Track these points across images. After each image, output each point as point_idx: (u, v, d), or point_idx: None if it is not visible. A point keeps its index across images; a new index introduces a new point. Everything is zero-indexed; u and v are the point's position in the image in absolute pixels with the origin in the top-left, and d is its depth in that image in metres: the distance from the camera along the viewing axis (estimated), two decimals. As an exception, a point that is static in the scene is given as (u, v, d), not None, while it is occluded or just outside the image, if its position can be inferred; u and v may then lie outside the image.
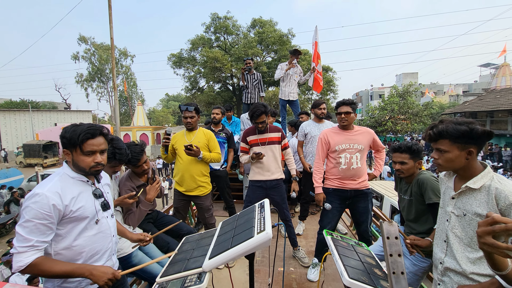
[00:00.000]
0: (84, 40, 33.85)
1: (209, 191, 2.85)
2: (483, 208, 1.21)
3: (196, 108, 2.71)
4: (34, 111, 27.32)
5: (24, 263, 1.14)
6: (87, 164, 1.29)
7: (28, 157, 20.40)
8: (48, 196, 1.17)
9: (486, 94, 20.62)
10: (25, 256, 1.15)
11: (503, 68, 23.08)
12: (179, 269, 1.27)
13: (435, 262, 1.44)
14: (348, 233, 3.66)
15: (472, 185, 1.24)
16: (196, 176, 2.71)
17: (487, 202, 1.21)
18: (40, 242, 1.18)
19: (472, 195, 1.26)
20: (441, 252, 1.38)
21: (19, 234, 1.17)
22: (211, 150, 2.80)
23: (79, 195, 1.29)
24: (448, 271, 1.34)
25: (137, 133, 26.15)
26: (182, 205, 2.87)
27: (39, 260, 1.17)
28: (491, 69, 32.83)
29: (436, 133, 1.28)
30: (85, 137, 1.26)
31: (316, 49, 5.29)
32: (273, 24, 23.40)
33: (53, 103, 38.00)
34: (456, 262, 1.29)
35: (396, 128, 21.44)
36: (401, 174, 2.04)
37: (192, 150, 2.53)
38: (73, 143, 1.26)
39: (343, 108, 2.40)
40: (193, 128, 2.77)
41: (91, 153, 1.29)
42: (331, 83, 22.81)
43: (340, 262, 1.30)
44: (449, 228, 1.34)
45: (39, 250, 1.18)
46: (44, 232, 1.18)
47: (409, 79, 30.61)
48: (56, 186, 1.23)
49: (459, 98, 31.14)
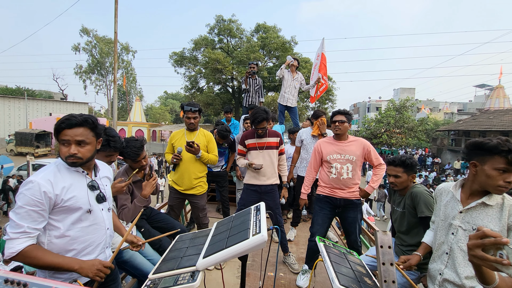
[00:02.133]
0: (86, 32, 33.72)
1: (205, 191, 2.87)
2: (495, 224, 1.24)
3: (199, 109, 2.73)
4: (30, 99, 26.93)
5: (16, 250, 1.14)
6: (63, 154, 1.27)
7: (19, 145, 20.04)
8: (40, 183, 1.18)
9: (480, 114, 21.08)
10: (17, 242, 1.15)
11: (497, 90, 23.70)
12: (172, 267, 1.27)
13: (433, 273, 1.45)
14: (339, 241, 3.68)
15: (487, 202, 1.27)
16: (194, 175, 2.73)
17: (500, 218, 1.24)
18: (31, 229, 1.17)
19: (484, 210, 1.28)
20: (441, 263, 1.40)
21: (12, 220, 1.17)
22: (209, 151, 2.81)
23: (72, 185, 1.29)
24: (447, 282, 1.36)
25: (133, 128, 25.96)
26: (177, 203, 2.86)
27: (31, 248, 1.17)
28: (486, 90, 33.64)
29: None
30: (60, 126, 1.26)
31: (322, 61, 5.35)
32: (277, 30, 23.64)
33: (50, 92, 37.52)
34: (456, 275, 1.31)
35: (391, 141, 21.71)
36: (394, 187, 2.08)
37: (193, 147, 2.56)
38: (55, 132, 1.28)
39: (337, 117, 2.45)
40: (195, 129, 2.79)
41: (66, 143, 1.27)
42: (330, 93, 23.05)
43: (331, 269, 1.32)
44: (454, 241, 1.35)
45: (31, 238, 1.18)
46: (35, 219, 1.18)
47: (406, 94, 31.13)
48: (50, 174, 1.24)
49: (454, 116, 31.72)
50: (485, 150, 1.25)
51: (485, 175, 1.24)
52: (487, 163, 1.24)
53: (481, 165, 1.26)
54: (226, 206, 3.65)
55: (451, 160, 19.54)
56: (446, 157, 20.79)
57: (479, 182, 1.28)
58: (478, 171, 1.28)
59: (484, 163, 1.25)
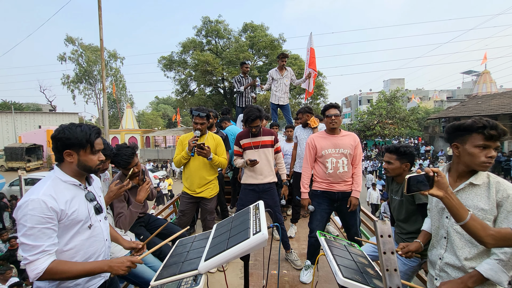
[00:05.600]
0: (71, 41, 33.05)
1: (216, 194, 2.88)
2: (484, 203, 1.27)
3: (207, 115, 2.72)
4: (17, 113, 26.39)
5: (41, 269, 1.11)
6: (94, 163, 1.32)
7: (10, 160, 19.62)
8: (44, 200, 1.15)
9: (469, 100, 21.49)
10: (39, 263, 1.12)
11: (483, 75, 24.14)
12: (174, 272, 1.25)
13: (433, 258, 1.47)
14: (339, 235, 3.70)
15: (474, 181, 1.30)
16: (205, 178, 2.74)
17: (488, 196, 1.27)
18: (50, 246, 1.15)
19: (473, 191, 1.31)
20: (441, 248, 1.42)
21: (25, 244, 1.12)
22: (219, 155, 2.80)
23: (73, 199, 1.27)
24: (447, 266, 1.38)
25: (125, 136, 25.64)
26: (189, 207, 2.84)
27: (55, 264, 1.15)
28: (472, 76, 34.28)
29: None
30: (96, 135, 1.31)
31: (312, 55, 5.38)
32: (264, 28, 23.62)
33: (38, 105, 36.82)
34: (456, 257, 1.33)
35: (384, 132, 21.97)
36: (386, 173, 2.11)
37: (204, 150, 2.54)
38: (83, 143, 1.26)
39: (332, 110, 2.44)
40: (203, 133, 2.78)
41: (97, 152, 1.33)
42: (321, 88, 23.16)
43: (334, 262, 1.32)
44: (449, 224, 1.38)
45: (51, 254, 1.16)
46: (50, 236, 1.16)
47: (396, 85, 31.50)
48: (50, 189, 1.21)
49: (444, 104, 32.28)
50: (463, 130, 1.30)
51: (467, 154, 1.28)
52: (467, 142, 1.28)
53: (462, 145, 1.31)
54: (223, 209, 3.63)
55: (444, 147, 19.88)
56: (439, 144, 21.15)
57: (464, 162, 1.32)
58: (461, 151, 1.32)
59: (464, 143, 1.30)
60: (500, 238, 1.08)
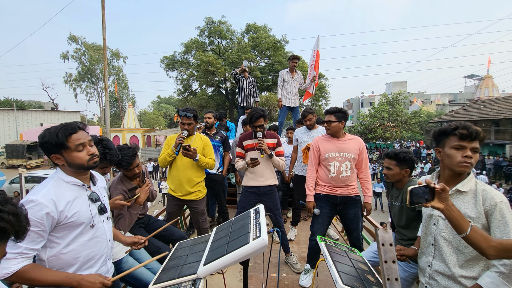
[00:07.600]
0: (74, 39, 33.24)
1: (204, 195, 2.84)
2: (471, 210, 1.26)
3: (194, 115, 2.70)
4: (19, 110, 26.48)
5: (11, 271, 1.10)
6: (84, 159, 1.25)
7: (11, 158, 19.68)
8: (42, 203, 1.15)
9: (471, 104, 21.44)
10: (13, 263, 1.11)
11: (486, 79, 24.09)
12: (173, 276, 1.25)
13: (423, 265, 1.47)
14: (339, 239, 3.68)
15: (461, 188, 1.30)
16: (192, 180, 2.70)
17: (475, 204, 1.26)
18: (29, 250, 1.14)
19: (460, 197, 1.31)
20: (429, 255, 1.41)
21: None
22: (206, 156, 2.78)
23: (75, 200, 1.26)
24: (436, 274, 1.37)
25: (127, 135, 25.68)
26: (176, 209, 2.83)
27: (27, 268, 1.13)
28: (475, 80, 34.17)
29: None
30: (66, 133, 1.21)
31: (317, 58, 5.39)
32: (267, 30, 23.65)
33: (40, 102, 36.93)
34: (445, 265, 1.32)
35: (386, 135, 21.92)
36: (386, 179, 2.10)
37: (190, 151, 2.51)
38: (58, 144, 1.21)
39: (327, 117, 2.46)
40: (191, 134, 2.77)
41: (81, 146, 1.25)
42: (323, 90, 23.15)
43: (334, 268, 1.31)
44: (437, 231, 1.37)
45: (27, 258, 1.14)
46: (34, 240, 1.15)
47: (398, 88, 31.46)
48: (51, 191, 1.20)
49: (445, 107, 32.22)
50: (442, 134, 1.34)
51: (446, 156, 1.31)
52: (446, 145, 1.32)
53: (442, 149, 1.34)
54: (224, 211, 3.61)
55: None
56: (440, 148, 21.02)
57: (446, 165, 1.34)
58: (442, 155, 1.35)
59: (444, 146, 1.33)
60: (503, 249, 1.06)
